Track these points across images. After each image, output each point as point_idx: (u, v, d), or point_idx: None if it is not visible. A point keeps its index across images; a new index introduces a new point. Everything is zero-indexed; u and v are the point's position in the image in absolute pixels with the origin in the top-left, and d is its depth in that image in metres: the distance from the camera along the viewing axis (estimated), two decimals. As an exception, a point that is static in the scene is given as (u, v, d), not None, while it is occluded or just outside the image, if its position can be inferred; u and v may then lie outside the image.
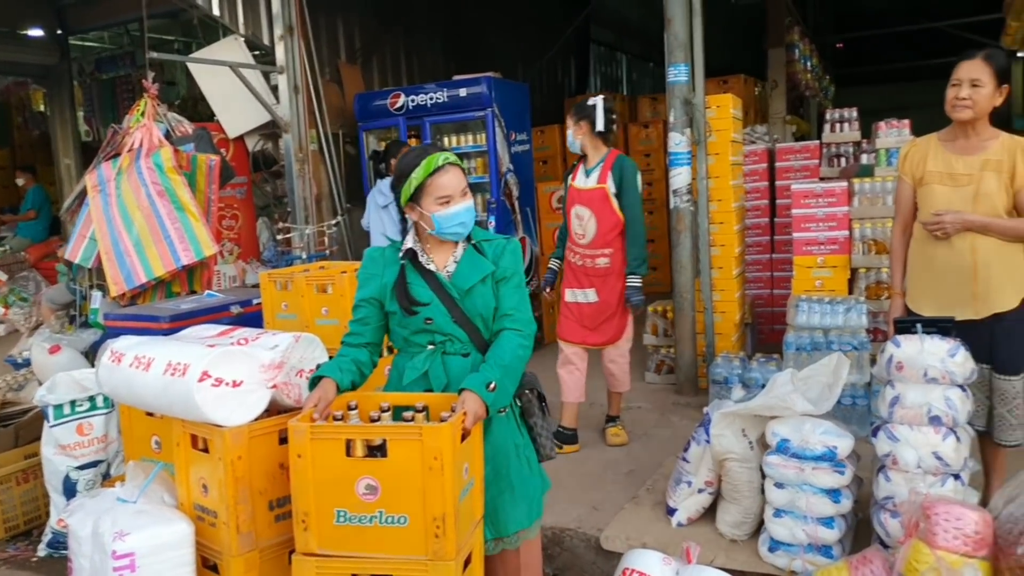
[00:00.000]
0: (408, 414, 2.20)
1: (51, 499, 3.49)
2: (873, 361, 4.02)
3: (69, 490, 3.42)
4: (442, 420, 2.12)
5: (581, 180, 4.15)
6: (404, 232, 2.41)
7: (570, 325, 4.23)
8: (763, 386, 4.02)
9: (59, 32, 8.86)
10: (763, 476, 2.96)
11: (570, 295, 4.22)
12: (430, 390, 2.37)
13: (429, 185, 2.25)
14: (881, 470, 2.70)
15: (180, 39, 10.17)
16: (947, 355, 2.58)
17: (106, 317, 4.36)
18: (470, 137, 6.38)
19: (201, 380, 2.16)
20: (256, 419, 2.27)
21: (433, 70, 8.48)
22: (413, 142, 6.51)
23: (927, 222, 2.86)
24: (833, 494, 2.77)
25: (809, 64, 11.63)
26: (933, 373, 2.58)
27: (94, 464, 3.46)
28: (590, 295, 4.14)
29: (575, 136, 4.13)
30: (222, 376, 2.18)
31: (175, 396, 2.22)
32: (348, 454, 2.10)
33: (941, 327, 2.66)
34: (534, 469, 2.48)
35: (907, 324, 2.71)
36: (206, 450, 2.29)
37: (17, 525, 3.74)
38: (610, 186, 4.04)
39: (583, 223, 4.11)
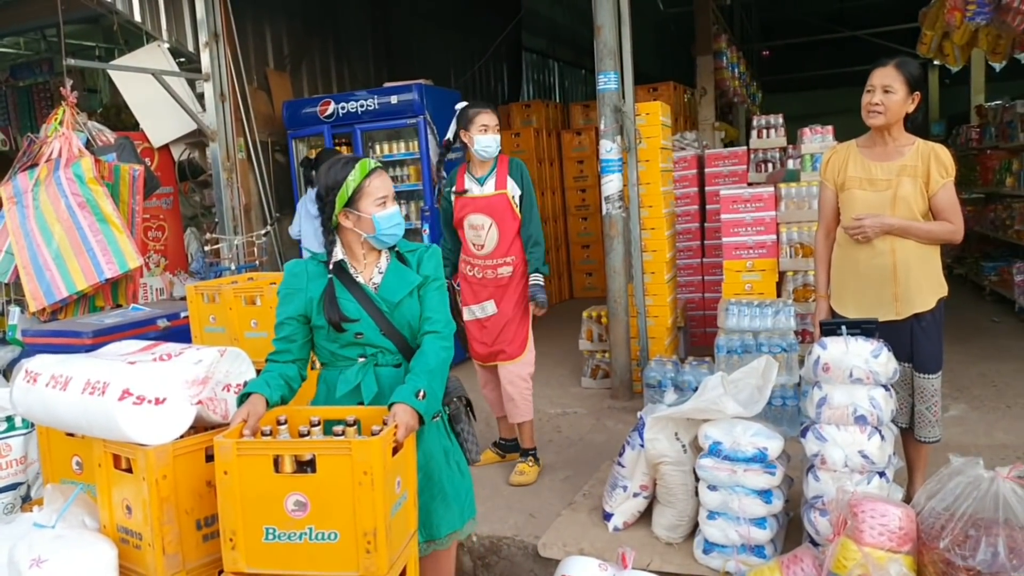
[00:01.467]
0: (339, 428, 2.16)
1: (-33, 524, 3.32)
2: (802, 362, 4.13)
3: (-12, 513, 3.26)
4: (373, 434, 2.09)
5: (474, 188, 3.87)
6: (327, 245, 2.38)
7: (474, 345, 3.98)
8: (696, 389, 4.08)
9: (-29, 37, 8.48)
10: (697, 479, 3.00)
11: (468, 313, 3.96)
12: (362, 403, 2.35)
13: (366, 187, 2.29)
14: (810, 470, 2.77)
15: (101, 45, 9.80)
16: (871, 356, 2.66)
17: (24, 334, 4.19)
18: (402, 145, 6.34)
19: (122, 399, 2.08)
20: (181, 436, 2.20)
21: (364, 77, 8.40)
22: (344, 151, 6.44)
23: (849, 226, 2.96)
24: (765, 495, 2.83)
25: (737, 71, 11.92)
26: (858, 374, 2.66)
27: (13, 487, 3.29)
28: (488, 307, 3.91)
29: (495, 141, 3.81)
30: (144, 394, 2.10)
31: (95, 416, 2.12)
32: (276, 470, 2.05)
33: (865, 328, 2.75)
34: (464, 472, 2.54)
35: (832, 326, 2.79)
36: (129, 470, 2.20)
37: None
38: (511, 190, 3.85)
39: (481, 233, 3.85)
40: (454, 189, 3.93)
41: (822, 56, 18.16)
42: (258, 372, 2.46)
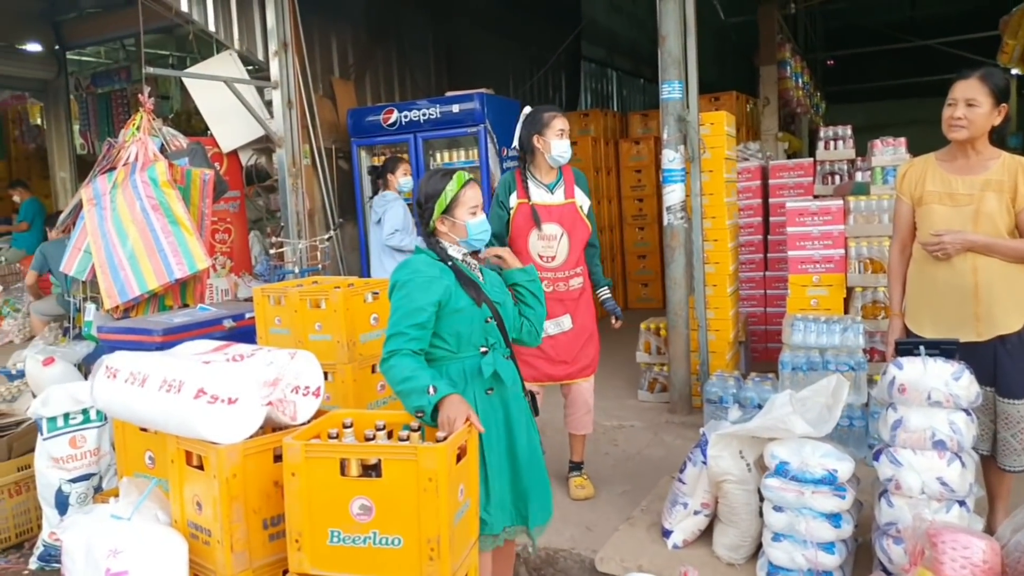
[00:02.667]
0: (403, 433, 2.17)
1: (43, 512, 3.44)
2: (870, 381, 4.02)
3: (61, 503, 3.37)
4: (437, 440, 2.09)
5: (542, 196, 3.67)
6: (430, 246, 2.53)
7: (542, 365, 3.68)
8: (759, 406, 4.00)
9: (57, 47, 8.88)
10: (761, 499, 2.93)
11: None
12: (491, 389, 2.44)
13: (461, 197, 2.47)
14: (883, 495, 2.68)
15: (175, 54, 10.16)
16: (951, 378, 2.55)
17: (99, 330, 4.32)
18: (462, 153, 6.39)
19: (197, 397, 2.13)
20: (251, 436, 2.24)
21: (425, 86, 8.51)
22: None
23: (927, 242, 2.85)
24: (833, 518, 2.74)
25: (800, 81, 11.71)
26: (937, 396, 2.56)
27: (86, 477, 3.41)
28: (564, 323, 3.70)
29: (570, 146, 3.72)
30: (218, 393, 2.15)
31: (170, 413, 2.18)
32: (343, 473, 2.07)
33: (944, 349, 2.64)
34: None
35: (909, 346, 2.69)
36: (201, 467, 2.25)
37: (9, 537, 3.70)
38: (580, 199, 3.72)
39: (553, 243, 3.64)
40: (515, 196, 3.67)
41: (888, 66, 17.71)
42: (325, 374, 2.52)
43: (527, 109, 3.80)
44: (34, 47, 8.80)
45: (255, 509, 2.22)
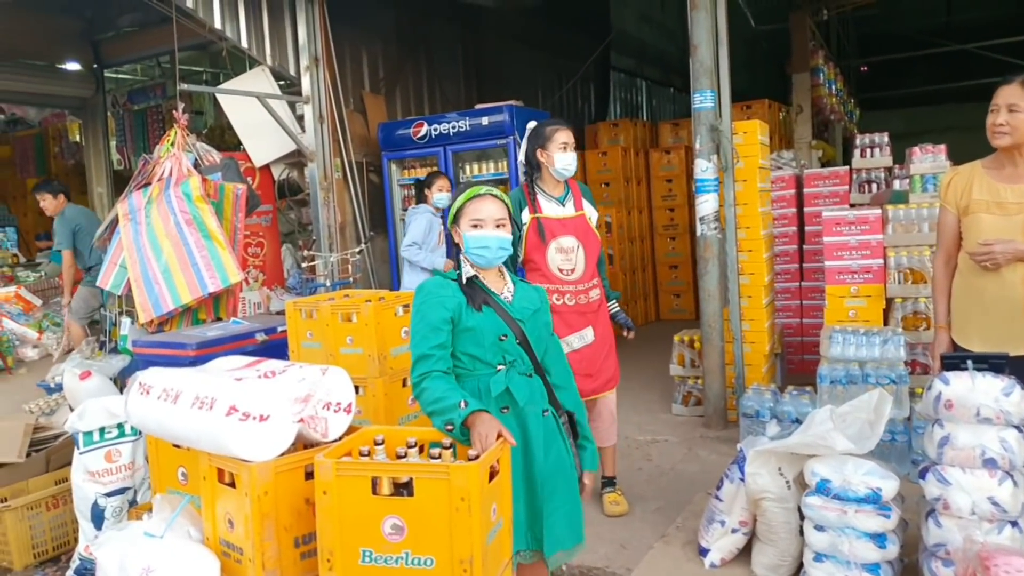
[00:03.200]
0: (435, 451, 2.14)
1: (80, 526, 3.47)
2: (913, 394, 3.91)
3: (97, 517, 3.39)
4: (470, 458, 2.05)
5: (554, 209, 3.63)
6: (455, 259, 2.51)
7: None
8: (796, 420, 3.92)
9: (95, 65, 9.07)
10: (801, 517, 2.85)
11: (563, 347, 3.56)
12: (507, 408, 2.37)
13: (466, 208, 2.43)
14: (931, 514, 2.59)
15: (208, 70, 10.32)
16: (1001, 394, 2.46)
17: (134, 344, 4.36)
18: (491, 165, 6.38)
19: (228, 414, 2.11)
20: (282, 454, 2.22)
21: (455, 98, 8.53)
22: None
23: (975, 252, 2.76)
24: (878, 538, 2.65)
25: (834, 88, 11.55)
26: (986, 413, 2.47)
27: (121, 491, 3.43)
28: (587, 335, 3.65)
29: (575, 159, 3.67)
30: (249, 410, 2.13)
31: (202, 430, 2.17)
32: (374, 492, 2.04)
33: (993, 363, 2.55)
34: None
35: (956, 360, 2.60)
36: (232, 484, 2.23)
37: (46, 551, 3.74)
38: (588, 211, 3.71)
39: (571, 256, 3.61)
40: (527, 212, 3.62)
41: (924, 71, 17.40)
42: (356, 388, 2.49)
43: (531, 123, 3.77)
44: (73, 66, 9.00)
45: (287, 527, 2.20)
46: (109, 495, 3.37)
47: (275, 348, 4.01)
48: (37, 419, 4.71)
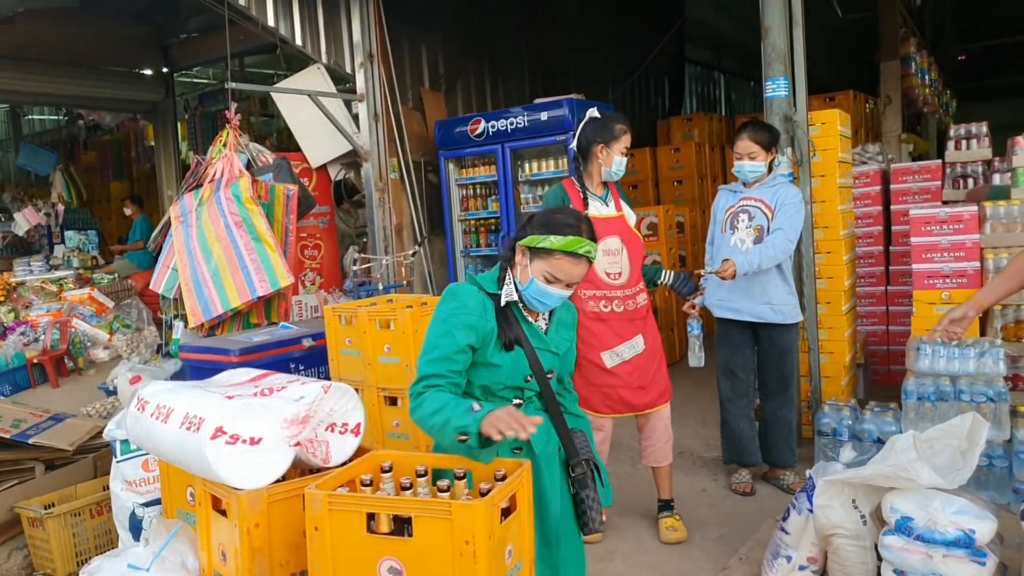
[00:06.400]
0: (443, 483, 1.87)
1: (119, 536, 3.37)
2: (1014, 414, 3.46)
3: (135, 527, 3.28)
4: (482, 494, 1.80)
5: (599, 208, 3.43)
6: (500, 272, 2.16)
7: (624, 394, 3.40)
8: (878, 440, 3.51)
9: (165, 69, 9.25)
10: (879, 558, 2.48)
11: (612, 358, 3.38)
12: (519, 448, 2.08)
13: (552, 256, 2.04)
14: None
15: (279, 72, 10.40)
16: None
17: (181, 349, 4.29)
18: (551, 163, 6.10)
19: (214, 437, 1.91)
20: (277, 481, 2.01)
21: (519, 94, 8.27)
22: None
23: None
24: (971, 590, 2.27)
25: (927, 78, 10.79)
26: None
27: (159, 502, 3.32)
28: (638, 344, 3.42)
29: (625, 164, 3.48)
30: (238, 432, 1.93)
31: (189, 453, 1.98)
32: (370, 529, 1.80)
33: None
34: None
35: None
36: (225, 513, 2.04)
37: (89, 559, 3.66)
38: (627, 212, 3.51)
39: (617, 259, 3.39)
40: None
41: (1028, 60, 16.19)
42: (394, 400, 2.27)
43: (592, 111, 3.49)
44: (146, 70, 9.21)
45: (282, 563, 1.99)
46: (147, 505, 3.26)
47: (323, 354, 3.85)
48: (95, 422, 4.72)
